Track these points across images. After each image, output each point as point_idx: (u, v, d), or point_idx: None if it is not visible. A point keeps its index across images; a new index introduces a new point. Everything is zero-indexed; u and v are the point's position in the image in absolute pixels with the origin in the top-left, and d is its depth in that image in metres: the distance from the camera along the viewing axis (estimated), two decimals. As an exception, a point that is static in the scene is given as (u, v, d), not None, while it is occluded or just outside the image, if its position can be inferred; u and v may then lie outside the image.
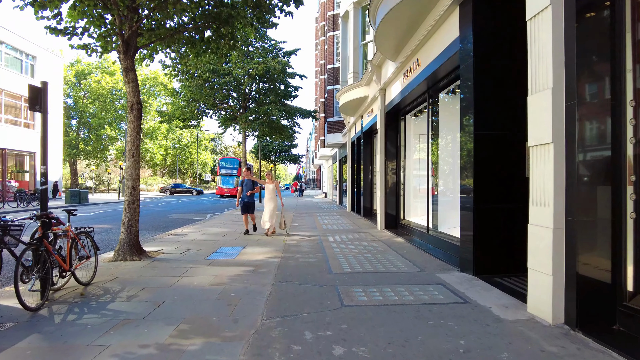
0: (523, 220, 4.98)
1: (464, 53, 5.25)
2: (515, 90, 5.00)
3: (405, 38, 7.36)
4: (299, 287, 4.51)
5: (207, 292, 4.34)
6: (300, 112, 18.10)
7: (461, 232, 5.32)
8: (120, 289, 4.54)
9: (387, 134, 9.92)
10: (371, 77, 10.64)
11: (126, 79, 6.70)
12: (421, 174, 8.87)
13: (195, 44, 7.91)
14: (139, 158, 6.71)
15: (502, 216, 4.99)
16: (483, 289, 4.39)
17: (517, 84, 4.99)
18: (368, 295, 4.12)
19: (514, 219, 5.00)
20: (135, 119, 6.70)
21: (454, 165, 7.18)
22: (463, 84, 5.27)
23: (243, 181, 9.28)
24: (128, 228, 6.43)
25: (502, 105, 5.00)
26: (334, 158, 28.00)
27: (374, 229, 10.08)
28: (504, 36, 5.00)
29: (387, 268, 5.48)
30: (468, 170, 5.13)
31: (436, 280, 4.79)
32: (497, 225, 4.99)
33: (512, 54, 5.00)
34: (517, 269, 4.97)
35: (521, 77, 4.98)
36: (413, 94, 8.06)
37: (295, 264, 5.83)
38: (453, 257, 5.94)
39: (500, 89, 5.01)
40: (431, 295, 4.17)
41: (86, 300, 4.07)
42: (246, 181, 9.22)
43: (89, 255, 4.81)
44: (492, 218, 4.98)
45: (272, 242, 8.09)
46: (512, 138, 5.00)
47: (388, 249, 7.00)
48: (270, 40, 18.16)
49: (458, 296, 4.13)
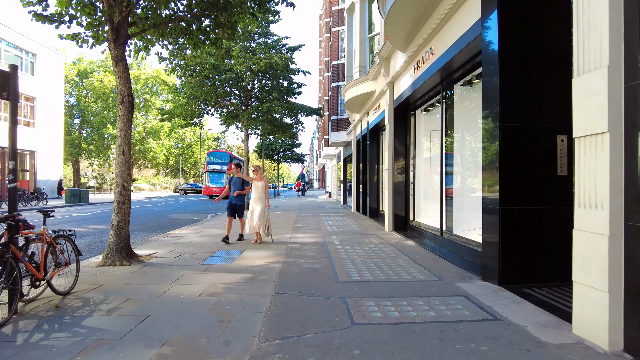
0: (555, 223, 4.44)
1: (487, 36, 4.70)
2: (549, 75, 4.45)
3: (417, 25, 6.80)
4: (302, 299, 3.98)
5: (198, 305, 3.83)
6: (304, 109, 17.57)
7: (483, 236, 4.77)
8: (102, 299, 4.04)
9: (396, 130, 9.36)
10: (379, 70, 10.09)
11: (116, 69, 6.21)
12: (433, 172, 8.31)
13: (193, 34, 7.41)
14: (129, 154, 6.21)
15: (531, 219, 4.43)
16: (512, 302, 3.84)
17: (551, 67, 4.45)
18: (382, 311, 3.58)
19: (544, 222, 4.44)
20: (126, 112, 6.20)
21: (472, 163, 6.62)
22: (486, 71, 4.72)
23: (231, 179, 8.26)
24: (117, 230, 5.94)
25: (532, 93, 4.44)
26: (338, 157, 27.45)
27: (381, 231, 9.54)
28: (534, 15, 4.44)
29: (400, 276, 4.94)
30: (492, 168, 4.57)
31: (457, 291, 4.24)
32: (526, 229, 4.43)
33: (543, 34, 4.45)
34: (547, 279, 4.42)
35: (555, 60, 4.44)
36: (425, 87, 7.51)
37: (298, 270, 5.31)
38: (472, 264, 5.39)
39: (530, 74, 4.45)
40: (454, 310, 3.63)
41: (60, 314, 3.57)
42: (235, 179, 8.17)
43: (68, 262, 4.31)
44: (520, 221, 4.42)
45: (273, 245, 7.56)
46: (544, 130, 4.44)
47: (399, 254, 6.46)
48: (273, 35, 17.63)
49: (485, 311, 3.58)
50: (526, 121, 4.44)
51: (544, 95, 4.45)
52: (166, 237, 8.82)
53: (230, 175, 8.25)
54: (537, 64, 4.45)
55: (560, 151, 4.46)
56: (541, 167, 4.46)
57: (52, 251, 4.12)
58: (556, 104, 4.44)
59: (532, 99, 4.45)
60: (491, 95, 4.59)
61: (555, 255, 4.43)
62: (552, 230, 4.43)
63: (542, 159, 4.47)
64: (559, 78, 4.39)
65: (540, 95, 4.45)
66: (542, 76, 4.44)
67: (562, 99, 4.43)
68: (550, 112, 4.45)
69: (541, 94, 4.45)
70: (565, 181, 4.46)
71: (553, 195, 4.46)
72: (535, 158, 4.46)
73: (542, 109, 4.45)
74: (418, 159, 8.97)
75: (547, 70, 4.44)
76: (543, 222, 4.44)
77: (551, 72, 4.44)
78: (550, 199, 4.45)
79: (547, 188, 4.45)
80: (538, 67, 4.45)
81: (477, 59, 5.77)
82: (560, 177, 4.47)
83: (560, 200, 4.45)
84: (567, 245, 4.43)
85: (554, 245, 4.43)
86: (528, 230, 4.43)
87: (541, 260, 4.44)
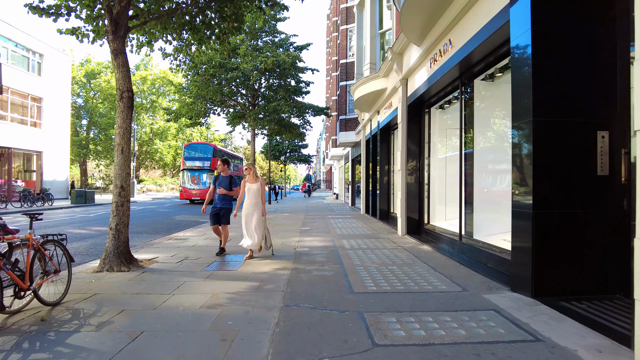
0: (595, 229, 3.98)
1: (517, 22, 4.25)
2: (589, 63, 4.01)
3: (435, 15, 6.37)
4: (314, 313, 3.56)
5: (199, 319, 3.44)
6: (312, 108, 17.18)
7: (513, 242, 4.32)
8: (94, 311, 3.67)
9: (409, 128, 8.92)
10: (391, 66, 9.66)
11: (115, 62, 5.87)
12: (449, 172, 7.85)
13: (197, 29, 7.07)
14: (129, 153, 5.86)
15: (568, 224, 3.97)
16: (552, 318, 3.39)
17: (593, 54, 4.00)
18: (405, 329, 3.16)
19: (583, 227, 3.98)
20: (126, 108, 5.85)
21: (494, 162, 6.18)
22: (517, 61, 4.27)
23: (217, 178, 6.78)
24: (116, 234, 5.58)
25: (569, 84, 4.00)
26: (346, 158, 27.02)
27: (393, 235, 9.09)
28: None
29: (420, 286, 4.50)
30: (524, 168, 4.13)
31: (486, 305, 3.80)
32: (562, 235, 3.97)
33: (585, 15, 4.01)
34: (587, 291, 3.96)
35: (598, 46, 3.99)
36: (442, 82, 7.06)
37: (308, 278, 4.90)
38: (497, 272, 4.93)
39: (567, 63, 4.00)
40: (487, 327, 3.19)
41: (44, 330, 3.20)
42: (221, 178, 6.74)
43: (58, 269, 3.95)
44: (555, 226, 3.97)
45: (281, 249, 7.16)
46: (582, 126, 3.99)
47: (415, 260, 6.02)
48: (280, 33, 17.29)
49: (523, 329, 3.14)
50: (562, 115, 3.99)
51: (583, 86, 4.01)
52: (169, 240, 8.47)
53: (216, 174, 6.87)
54: (576, 51, 4.00)
55: (600, 149, 4.00)
56: (578, 167, 4.01)
57: (40, 258, 3.76)
58: (597, 96, 4.00)
59: (569, 91, 4.00)
60: (522, 87, 4.14)
61: (595, 264, 3.97)
62: (592, 237, 3.98)
63: (580, 157, 4.01)
64: (602, 66, 3.94)
65: (579, 86, 4.00)
66: (581, 64, 3.99)
67: (605, 90, 3.98)
68: (590, 105, 4.00)
69: (580, 84, 4.01)
70: (606, 182, 4.00)
71: (592, 198, 4.00)
72: (571, 156, 4.01)
73: (581, 102, 4.01)
74: (433, 158, 8.52)
75: (588, 57, 3.99)
76: (581, 227, 3.98)
77: (592, 59, 3.99)
78: (588, 202, 3.99)
79: (585, 190, 4.00)
80: (577, 54, 4.00)
81: (501, 50, 5.33)
82: (600, 177, 4.01)
83: (600, 203, 3.99)
84: (610, 254, 3.99)
85: (594, 253, 3.98)
86: (565, 237, 3.98)
87: (579, 271, 3.98)
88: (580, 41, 4.01)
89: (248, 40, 16.17)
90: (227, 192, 6.60)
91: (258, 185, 6.36)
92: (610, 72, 3.96)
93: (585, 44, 4.00)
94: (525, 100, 4.10)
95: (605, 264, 3.96)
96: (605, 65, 3.97)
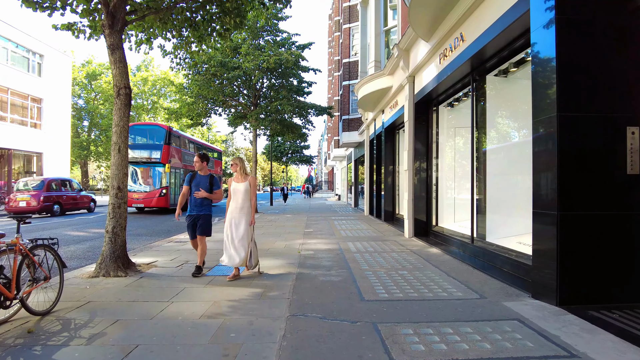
0: (625, 232, 3.70)
1: (539, 10, 3.98)
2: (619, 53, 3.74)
3: (445, 9, 6.10)
4: (324, 324, 3.29)
5: (199, 331, 3.17)
6: (314, 108, 16.92)
7: (534, 246, 4.04)
8: (86, 321, 3.40)
9: (416, 127, 8.65)
10: (397, 63, 9.39)
11: (112, 58, 5.62)
12: (459, 173, 7.59)
13: (198, 25, 6.83)
14: (126, 153, 5.61)
15: (595, 227, 3.70)
16: (583, 329, 3.11)
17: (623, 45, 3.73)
18: (424, 342, 2.88)
19: (612, 230, 3.70)
20: (123, 105, 5.60)
21: (508, 161, 5.91)
22: (539, 53, 4.00)
23: (192, 177, 5.38)
24: (112, 237, 5.33)
25: (598, 76, 3.72)
26: (348, 158, 26.76)
27: (400, 237, 8.81)
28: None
29: (434, 293, 4.23)
30: (547, 167, 3.85)
31: (507, 314, 3.52)
32: (590, 238, 3.69)
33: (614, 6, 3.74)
34: (617, 299, 3.68)
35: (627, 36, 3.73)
36: (452, 78, 6.79)
37: (315, 284, 4.63)
38: (514, 277, 4.65)
39: (594, 53, 3.73)
40: (513, 340, 2.91)
41: (30, 343, 2.94)
42: (199, 178, 5.34)
43: (49, 276, 3.68)
44: (582, 229, 3.69)
45: (285, 252, 6.90)
46: (610, 121, 3.72)
47: (426, 264, 5.74)
48: (282, 32, 17.04)
49: (553, 343, 2.86)
50: (589, 110, 3.71)
51: (612, 78, 3.73)
52: (169, 242, 8.23)
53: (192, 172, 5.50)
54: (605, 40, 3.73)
55: (630, 146, 3.73)
56: (606, 166, 3.74)
57: (29, 264, 3.50)
58: (627, 89, 3.73)
59: (597, 84, 3.73)
60: (544, 80, 3.87)
61: (625, 270, 3.69)
62: (621, 240, 3.70)
63: (608, 155, 3.74)
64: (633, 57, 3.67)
65: (607, 78, 3.73)
66: (610, 54, 3.72)
67: (635, 83, 3.71)
68: (619, 99, 3.73)
69: (608, 77, 3.73)
70: (637, 182, 3.72)
71: (621, 199, 3.73)
72: (599, 154, 3.73)
73: (609, 96, 3.73)
74: (441, 158, 8.25)
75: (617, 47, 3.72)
76: (609, 230, 3.70)
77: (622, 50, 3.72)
78: (617, 202, 3.72)
79: (613, 190, 3.72)
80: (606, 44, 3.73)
81: (517, 44, 5.06)
82: (630, 176, 3.74)
83: (630, 204, 3.72)
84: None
85: (624, 258, 3.70)
86: (591, 240, 3.70)
87: (608, 277, 3.70)
88: (609, 30, 3.73)
89: (250, 39, 15.92)
90: (208, 195, 5.29)
91: (246, 185, 5.08)
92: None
93: (615, 34, 3.73)
94: (548, 94, 3.82)
95: (636, 269, 3.68)
96: (636, 57, 3.70)
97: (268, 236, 9.14)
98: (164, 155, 17.38)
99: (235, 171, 5.17)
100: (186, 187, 5.38)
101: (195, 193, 5.26)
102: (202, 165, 5.39)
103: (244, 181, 5.12)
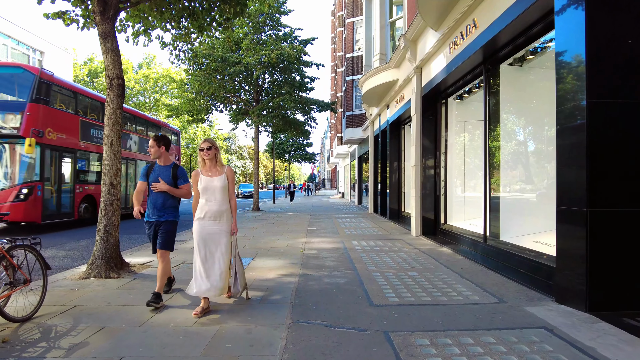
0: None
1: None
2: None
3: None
4: (329, 332, 2.97)
5: (191, 340, 2.86)
6: (317, 104, 16.55)
7: (559, 246, 3.69)
8: (69, 329, 3.10)
9: (424, 121, 8.29)
10: (403, 55, 9.03)
11: (104, 47, 5.31)
12: (469, 168, 7.24)
13: (197, 14, 6.50)
14: (119, 147, 5.30)
15: (630, 225, 3.35)
16: (622, 340, 2.77)
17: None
18: (443, 355, 2.55)
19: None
20: (115, 96, 5.29)
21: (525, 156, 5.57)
22: (564, 33, 3.64)
23: (149, 169, 3.99)
24: (104, 235, 5.03)
25: (634, 57, 3.37)
26: (352, 155, 26.39)
27: (407, 235, 8.47)
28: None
29: (449, 296, 3.89)
30: (574, 160, 3.50)
31: (532, 321, 3.18)
32: (624, 238, 3.35)
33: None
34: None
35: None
36: (462, 69, 6.44)
37: (319, 287, 4.30)
38: (533, 279, 4.32)
39: (630, 31, 3.37)
40: (544, 353, 2.57)
41: (3, 355, 2.63)
42: (158, 170, 3.95)
43: (29, 279, 3.38)
44: (614, 227, 3.35)
45: (287, 251, 6.59)
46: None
47: (437, 265, 5.41)
48: (284, 27, 16.68)
49: (590, 357, 2.52)
50: (623, 95, 3.37)
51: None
52: (167, 241, 7.91)
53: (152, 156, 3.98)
54: (639, 19, 3.37)
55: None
56: None
57: (7, 266, 3.20)
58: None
59: (632, 66, 3.37)
60: (571, 64, 3.52)
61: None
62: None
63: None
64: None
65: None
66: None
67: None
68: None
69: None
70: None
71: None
72: (634, 145, 3.38)
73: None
74: (450, 153, 7.89)
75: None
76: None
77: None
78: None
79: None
80: None
81: (534, 29, 4.71)
82: (667, 169, 3.38)
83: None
84: None
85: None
86: (625, 240, 3.36)
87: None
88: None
89: (251, 34, 15.59)
90: (171, 190, 3.87)
91: (223, 179, 3.54)
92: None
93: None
94: (574, 79, 3.47)
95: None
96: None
97: (270, 234, 8.83)
98: (27, 122, 9.41)
99: (207, 157, 3.55)
100: (142, 182, 3.94)
101: (153, 185, 3.85)
102: (160, 152, 3.93)
103: (219, 174, 3.57)
